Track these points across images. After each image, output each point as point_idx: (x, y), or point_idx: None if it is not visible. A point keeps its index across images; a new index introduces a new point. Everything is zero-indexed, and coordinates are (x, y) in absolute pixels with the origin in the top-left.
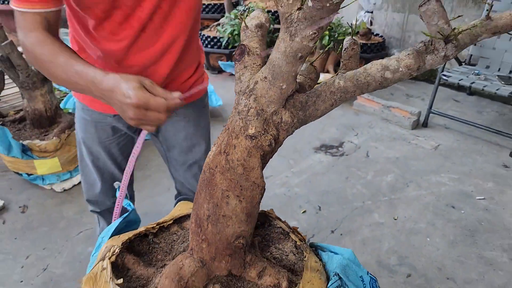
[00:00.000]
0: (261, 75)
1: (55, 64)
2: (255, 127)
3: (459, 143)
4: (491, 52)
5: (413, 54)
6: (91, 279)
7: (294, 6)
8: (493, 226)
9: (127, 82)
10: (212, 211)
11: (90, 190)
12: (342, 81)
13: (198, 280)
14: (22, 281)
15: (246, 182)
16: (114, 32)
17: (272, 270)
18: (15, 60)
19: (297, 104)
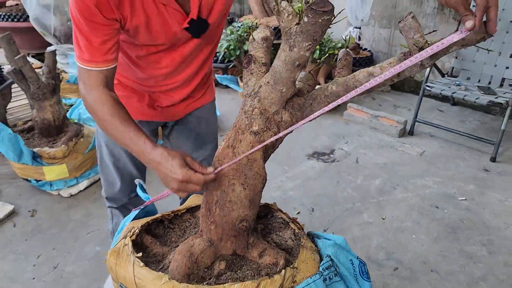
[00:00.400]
0: (265, 80)
1: (112, 125)
2: (258, 124)
3: (443, 149)
4: (471, 64)
5: (394, 62)
6: (114, 252)
7: (293, 21)
8: (473, 224)
9: (173, 159)
10: (219, 196)
11: (109, 188)
12: (334, 86)
13: (206, 257)
14: (34, 278)
15: (249, 172)
16: (158, 62)
17: (271, 251)
18: (27, 73)
19: (295, 105)
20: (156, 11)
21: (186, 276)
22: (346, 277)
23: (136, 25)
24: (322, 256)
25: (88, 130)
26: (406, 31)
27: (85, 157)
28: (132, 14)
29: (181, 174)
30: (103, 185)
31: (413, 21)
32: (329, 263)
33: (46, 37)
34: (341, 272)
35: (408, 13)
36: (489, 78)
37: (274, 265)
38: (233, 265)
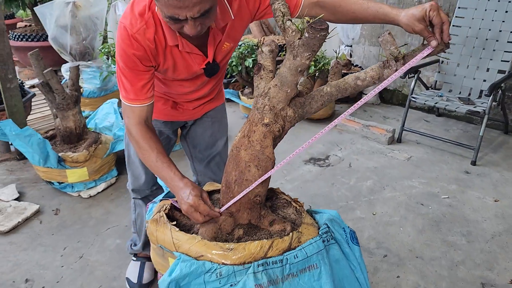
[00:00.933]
0: (273, 83)
1: (149, 156)
2: (268, 118)
3: (428, 155)
4: (453, 78)
5: (375, 68)
6: (154, 221)
7: (296, 36)
8: (454, 218)
9: (193, 190)
10: (238, 176)
11: (135, 182)
12: (328, 88)
13: (228, 225)
14: (63, 266)
15: (262, 156)
16: (181, 85)
17: (279, 221)
18: (53, 85)
19: (297, 103)
20: (181, 58)
21: (212, 238)
22: (340, 241)
23: (166, 68)
24: (320, 225)
25: (105, 137)
26: (384, 44)
27: (104, 161)
28: (164, 61)
29: (193, 201)
30: (130, 178)
31: (389, 36)
32: (326, 229)
33: (63, 55)
34: (336, 237)
35: (386, 31)
36: (468, 90)
37: (282, 231)
38: (249, 232)
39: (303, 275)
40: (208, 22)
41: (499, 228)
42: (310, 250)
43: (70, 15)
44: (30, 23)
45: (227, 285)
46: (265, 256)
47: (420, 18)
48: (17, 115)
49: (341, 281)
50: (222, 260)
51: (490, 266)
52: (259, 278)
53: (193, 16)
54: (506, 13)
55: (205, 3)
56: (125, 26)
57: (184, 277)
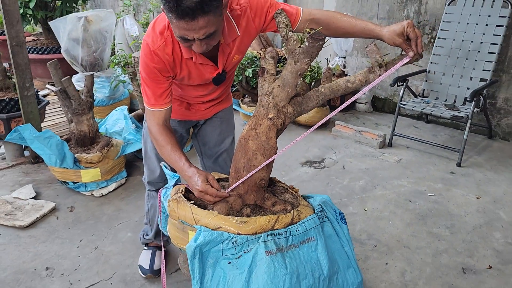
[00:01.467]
0: (276, 84)
1: (165, 150)
2: (273, 113)
3: (417, 157)
4: (439, 86)
5: (363, 73)
6: (174, 201)
7: (296, 45)
8: (439, 213)
9: (199, 176)
10: (246, 163)
11: (151, 175)
12: (323, 89)
13: (237, 204)
14: (79, 256)
15: (267, 145)
16: (195, 89)
17: (280, 202)
18: (70, 92)
19: (296, 102)
20: (195, 68)
21: (225, 215)
22: (332, 219)
23: (182, 76)
24: (314, 207)
25: (115, 141)
26: (370, 53)
27: (115, 162)
28: (180, 71)
29: (201, 186)
30: (146, 172)
31: (375, 47)
32: (321, 208)
33: (74, 66)
34: (328, 216)
35: (371, 42)
36: (454, 97)
37: (284, 210)
38: (255, 211)
39: (303, 246)
40: (213, 42)
41: (480, 221)
42: (309, 224)
43: (82, 29)
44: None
45: (241, 252)
46: (273, 228)
47: (400, 33)
48: (33, 122)
49: (333, 254)
50: (237, 231)
51: (471, 254)
52: (268, 245)
53: (199, 38)
54: (487, 26)
55: (211, 27)
56: (148, 43)
57: (207, 243)
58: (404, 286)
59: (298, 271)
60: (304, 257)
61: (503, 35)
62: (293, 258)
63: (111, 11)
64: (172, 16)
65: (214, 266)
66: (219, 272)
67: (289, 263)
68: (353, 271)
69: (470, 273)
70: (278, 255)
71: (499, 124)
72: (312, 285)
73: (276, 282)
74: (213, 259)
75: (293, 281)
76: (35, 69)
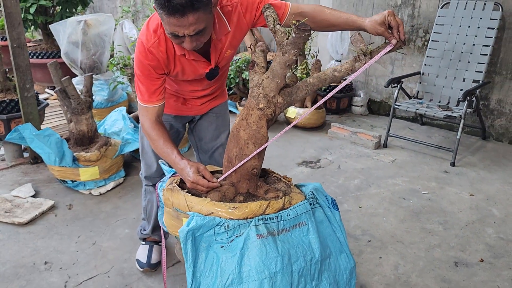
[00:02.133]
0: (266, 76)
1: (157, 144)
2: (263, 103)
3: (412, 157)
4: (433, 88)
5: (349, 62)
6: (169, 190)
7: (284, 37)
8: (433, 209)
9: (191, 168)
10: (238, 152)
11: (148, 170)
12: (311, 79)
13: (230, 193)
14: (77, 251)
15: (258, 134)
16: (190, 84)
17: (273, 190)
18: (70, 92)
19: (286, 93)
20: (188, 64)
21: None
22: (323, 205)
23: (176, 72)
24: (306, 194)
25: (114, 141)
26: (355, 42)
27: (113, 161)
28: (174, 67)
29: (193, 177)
30: (143, 167)
31: (359, 36)
32: (312, 195)
33: (73, 68)
34: (320, 202)
35: (356, 31)
36: (447, 98)
37: (276, 197)
38: (248, 199)
39: (294, 230)
40: (203, 39)
41: (473, 217)
42: (300, 209)
43: (81, 32)
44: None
45: (233, 236)
46: (264, 213)
47: (381, 22)
48: (32, 122)
49: (325, 239)
50: (229, 216)
51: (463, 248)
52: (260, 229)
53: (189, 34)
54: (478, 28)
55: (200, 24)
56: (142, 41)
57: (199, 228)
58: (397, 278)
59: (290, 254)
60: (295, 241)
61: (495, 37)
62: (285, 241)
63: (110, 16)
64: (163, 12)
65: (207, 250)
66: (212, 256)
67: (281, 246)
68: (345, 257)
69: (462, 266)
70: (269, 238)
71: (493, 125)
72: (304, 267)
73: (268, 263)
74: (206, 244)
75: (284, 263)
76: (34, 74)
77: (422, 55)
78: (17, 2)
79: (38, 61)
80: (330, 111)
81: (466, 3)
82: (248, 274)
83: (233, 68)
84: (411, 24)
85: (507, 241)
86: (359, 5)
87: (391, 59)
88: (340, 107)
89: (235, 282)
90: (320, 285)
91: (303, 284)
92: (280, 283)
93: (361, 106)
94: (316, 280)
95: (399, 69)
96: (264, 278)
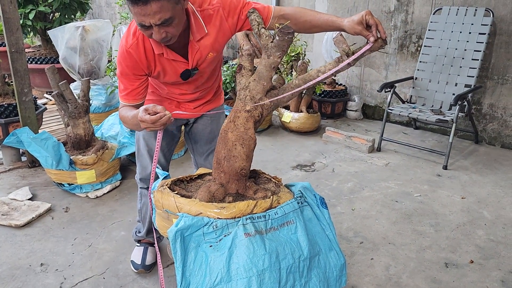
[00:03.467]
0: (252, 78)
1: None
2: (249, 105)
3: (405, 161)
4: (426, 92)
5: (332, 63)
6: (159, 192)
7: (269, 40)
8: (425, 212)
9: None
10: (226, 153)
11: (143, 171)
12: (296, 81)
13: (219, 194)
14: (73, 253)
15: (245, 136)
16: (178, 88)
17: (262, 190)
18: (67, 96)
19: (273, 94)
20: (168, 64)
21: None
22: (312, 204)
23: (158, 72)
24: (295, 194)
25: (111, 144)
26: (338, 43)
27: (110, 165)
28: (154, 68)
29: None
30: (138, 169)
31: (342, 37)
32: (300, 194)
33: (72, 74)
34: (308, 201)
35: (338, 33)
36: (440, 103)
37: (264, 197)
38: (237, 199)
39: (283, 229)
40: (172, 30)
41: (464, 219)
42: (287, 208)
43: (79, 38)
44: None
45: (221, 236)
46: (251, 212)
47: (359, 22)
48: (30, 126)
49: (314, 237)
50: (217, 216)
51: (454, 250)
52: (247, 228)
53: (155, 23)
54: (470, 34)
55: (165, 13)
56: (123, 43)
57: (188, 228)
58: (388, 279)
59: (278, 252)
60: (283, 239)
61: (486, 42)
62: (273, 240)
63: (108, 21)
64: (129, 3)
65: (196, 250)
66: (201, 255)
67: (269, 244)
68: (335, 254)
69: (453, 267)
70: (257, 237)
71: (485, 129)
72: (292, 264)
73: (256, 261)
74: (195, 243)
75: (272, 261)
76: (33, 79)
77: (415, 60)
78: (16, 7)
79: (37, 66)
80: (325, 115)
81: (458, 9)
82: (237, 272)
83: (229, 73)
84: (404, 30)
85: (497, 242)
86: (353, 12)
87: (385, 65)
88: (335, 112)
89: (224, 280)
90: (309, 282)
91: (292, 281)
92: (268, 280)
93: (356, 111)
94: (305, 277)
95: (393, 74)
96: (252, 275)
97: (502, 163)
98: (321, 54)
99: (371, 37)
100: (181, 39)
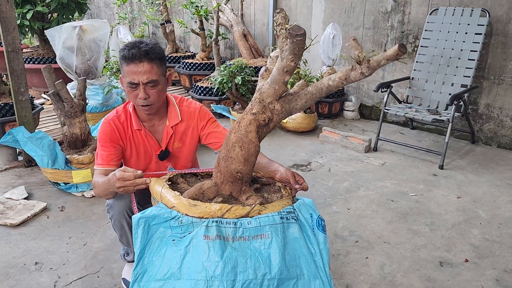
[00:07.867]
0: (266, 81)
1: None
2: (256, 108)
3: (401, 161)
4: (422, 92)
5: (343, 71)
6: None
7: (284, 42)
8: (420, 211)
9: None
10: (225, 154)
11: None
12: (310, 88)
13: (211, 192)
14: (68, 252)
15: (245, 139)
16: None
17: (255, 196)
18: (63, 95)
19: (286, 100)
20: (141, 140)
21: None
22: (303, 224)
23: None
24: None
25: None
26: (350, 49)
27: None
28: (128, 145)
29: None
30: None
31: (354, 42)
32: (291, 209)
33: (69, 73)
34: (300, 220)
35: (352, 37)
36: (436, 103)
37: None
38: (227, 201)
39: (255, 240)
40: (154, 94)
41: (459, 219)
42: (264, 221)
43: (76, 37)
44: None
45: (186, 233)
46: (222, 216)
47: (290, 175)
48: (26, 126)
49: (295, 258)
50: (186, 212)
51: (449, 249)
52: (209, 231)
53: (143, 82)
54: (466, 34)
55: (153, 74)
56: (106, 116)
57: (153, 217)
58: (382, 278)
59: (237, 262)
60: (250, 252)
61: (482, 42)
62: (238, 249)
63: (106, 21)
64: (124, 62)
65: (161, 240)
66: (163, 246)
67: (228, 253)
68: (320, 284)
69: (447, 266)
70: (217, 241)
71: (481, 129)
72: (252, 281)
73: (207, 266)
74: (161, 234)
75: (226, 270)
76: (31, 79)
77: (412, 60)
78: (12, 7)
79: (35, 66)
80: (322, 115)
81: (454, 9)
82: (187, 272)
83: (226, 73)
84: (401, 30)
85: (492, 241)
86: (350, 12)
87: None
88: (332, 112)
89: (174, 277)
90: None
91: None
92: None
93: (353, 111)
94: None
95: (389, 74)
96: (200, 279)
97: (498, 163)
98: (319, 54)
99: (296, 184)
100: (159, 123)
